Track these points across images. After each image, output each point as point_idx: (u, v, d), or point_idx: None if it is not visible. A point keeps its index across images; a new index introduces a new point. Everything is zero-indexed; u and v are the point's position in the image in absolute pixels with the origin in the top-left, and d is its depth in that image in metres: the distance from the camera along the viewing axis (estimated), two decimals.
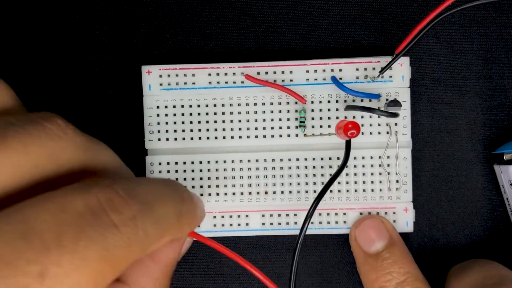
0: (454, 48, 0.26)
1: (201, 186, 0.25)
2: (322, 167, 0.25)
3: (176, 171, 0.25)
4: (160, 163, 0.25)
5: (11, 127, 0.14)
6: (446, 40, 0.26)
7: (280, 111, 0.25)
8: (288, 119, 0.25)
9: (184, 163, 0.25)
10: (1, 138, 0.13)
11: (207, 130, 0.25)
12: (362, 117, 0.25)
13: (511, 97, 0.26)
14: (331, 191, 0.25)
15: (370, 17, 0.26)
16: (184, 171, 0.25)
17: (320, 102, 0.25)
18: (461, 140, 0.26)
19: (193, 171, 0.25)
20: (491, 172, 0.26)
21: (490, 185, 0.26)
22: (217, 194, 0.25)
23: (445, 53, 0.26)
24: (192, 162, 0.25)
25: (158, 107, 0.25)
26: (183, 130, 0.25)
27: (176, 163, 0.25)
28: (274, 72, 0.25)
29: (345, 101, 0.25)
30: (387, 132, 0.25)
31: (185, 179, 0.25)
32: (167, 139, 0.25)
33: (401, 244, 0.24)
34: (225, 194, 0.25)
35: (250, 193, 0.25)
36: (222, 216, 0.25)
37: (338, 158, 0.25)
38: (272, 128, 0.25)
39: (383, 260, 0.23)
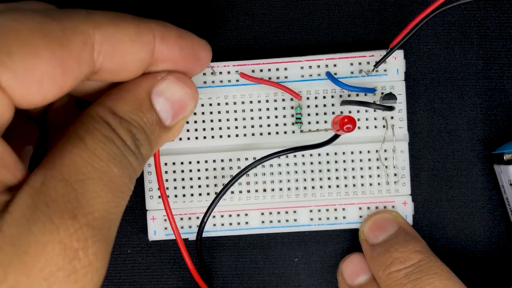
0: (453, 48, 0.26)
1: (199, 186, 0.25)
2: (319, 162, 0.25)
3: (174, 172, 0.25)
4: None
5: None
6: (445, 40, 0.26)
7: (276, 108, 0.25)
8: (284, 116, 0.25)
9: (182, 163, 0.25)
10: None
11: (204, 129, 0.25)
12: (358, 111, 0.25)
13: (511, 97, 0.26)
14: (329, 186, 0.25)
15: (370, 17, 0.26)
16: (182, 171, 0.25)
17: (316, 98, 0.25)
18: (461, 140, 0.26)
19: (190, 171, 0.25)
20: (491, 172, 0.26)
21: (490, 185, 0.26)
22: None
23: (444, 53, 0.26)
24: (190, 162, 0.25)
25: None
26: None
27: (174, 163, 0.25)
28: (269, 70, 0.25)
29: (341, 96, 0.25)
30: (384, 126, 0.25)
31: (183, 179, 0.25)
32: None
33: (410, 229, 0.24)
34: (225, 193, 0.25)
35: (248, 191, 0.25)
36: (222, 216, 0.25)
37: (336, 154, 0.25)
38: (269, 125, 0.25)
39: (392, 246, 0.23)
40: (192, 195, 0.25)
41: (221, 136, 0.25)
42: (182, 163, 0.25)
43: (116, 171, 0.16)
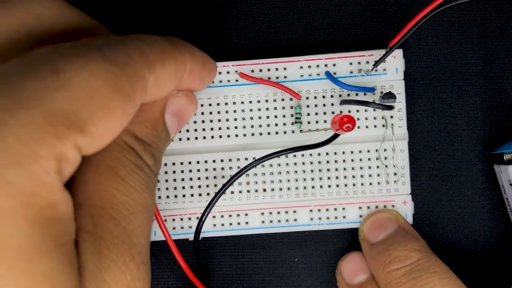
0: (454, 48, 0.26)
1: (199, 186, 0.25)
2: (319, 162, 0.25)
3: (174, 172, 0.25)
4: None
5: None
6: (446, 40, 0.26)
7: (275, 108, 0.25)
8: (284, 116, 0.25)
9: (182, 163, 0.25)
10: None
11: (203, 129, 0.25)
12: (357, 111, 0.25)
13: (511, 97, 0.26)
14: (329, 186, 0.25)
15: (370, 17, 0.26)
16: (182, 171, 0.25)
17: (315, 97, 0.25)
18: (461, 140, 0.26)
19: (190, 171, 0.25)
20: (491, 172, 0.26)
21: (490, 185, 0.26)
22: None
23: (445, 53, 0.26)
24: (190, 162, 0.25)
25: None
26: (180, 131, 0.25)
27: (174, 163, 0.25)
28: (268, 70, 0.25)
29: (340, 95, 0.25)
30: (383, 125, 0.25)
31: (183, 179, 0.25)
32: None
33: (409, 228, 0.24)
34: (224, 193, 0.25)
35: (248, 191, 0.25)
36: (222, 216, 0.25)
37: (335, 153, 0.25)
38: (268, 125, 0.25)
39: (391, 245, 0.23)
40: (192, 195, 0.25)
41: (220, 136, 0.25)
42: (182, 163, 0.25)
43: (149, 199, 0.17)
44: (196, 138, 0.25)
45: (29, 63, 0.14)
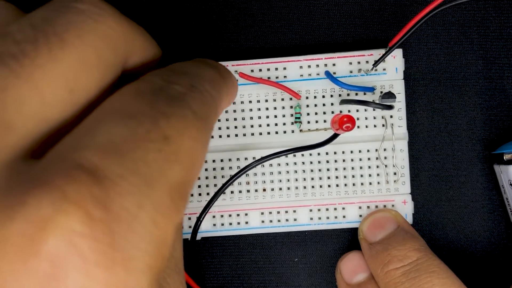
0: (454, 48, 0.26)
1: (199, 186, 0.25)
2: (319, 162, 0.25)
3: None
4: None
5: (48, 24, 0.12)
6: (446, 40, 0.26)
7: (275, 108, 0.25)
8: (284, 116, 0.25)
9: None
10: (54, 36, 0.12)
11: None
12: (357, 110, 0.25)
13: (511, 97, 0.26)
14: (329, 186, 0.25)
15: (370, 17, 0.26)
16: None
17: (315, 97, 0.25)
18: (461, 140, 0.26)
19: None
20: (491, 172, 0.26)
21: (490, 185, 0.26)
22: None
23: (444, 53, 0.26)
24: None
25: None
26: None
27: None
28: (268, 69, 0.25)
29: (340, 95, 0.25)
30: (383, 125, 0.25)
31: None
32: None
33: (409, 228, 0.24)
34: (224, 193, 0.25)
35: (248, 191, 0.25)
36: (222, 216, 0.25)
37: (335, 153, 0.25)
38: (268, 125, 0.25)
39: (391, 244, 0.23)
40: (192, 195, 0.25)
41: (220, 136, 0.25)
42: None
43: None
44: None
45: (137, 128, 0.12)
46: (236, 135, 0.25)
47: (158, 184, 0.12)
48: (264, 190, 0.25)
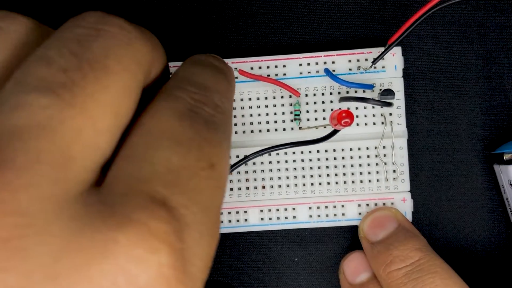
0: (453, 48, 0.26)
1: None
2: (318, 159, 0.25)
3: None
4: None
5: (87, 50, 0.12)
6: (445, 39, 0.26)
7: (274, 105, 0.25)
8: (283, 113, 0.25)
9: None
10: (97, 63, 0.12)
11: None
12: (356, 108, 0.25)
13: (511, 97, 0.26)
14: (328, 183, 0.25)
15: (370, 17, 0.26)
16: None
17: (314, 94, 0.25)
18: (461, 140, 0.26)
19: None
20: (491, 172, 0.26)
21: (490, 185, 0.26)
22: None
23: (444, 53, 0.26)
24: None
25: None
26: None
27: None
28: (268, 67, 0.25)
29: (339, 92, 0.25)
30: (382, 123, 0.25)
31: None
32: None
33: (409, 226, 0.24)
34: None
35: (247, 188, 0.25)
36: (221, 213, 0.25)
37: (335, 150, 0.25)
38: (267, 122, 0.25)
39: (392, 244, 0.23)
40: None
41: None
42: None
43: None
44: None
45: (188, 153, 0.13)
46: (236, 132, 0.25)
47: (211, 212, 0.13)
48: (264, 187, 0.25)
